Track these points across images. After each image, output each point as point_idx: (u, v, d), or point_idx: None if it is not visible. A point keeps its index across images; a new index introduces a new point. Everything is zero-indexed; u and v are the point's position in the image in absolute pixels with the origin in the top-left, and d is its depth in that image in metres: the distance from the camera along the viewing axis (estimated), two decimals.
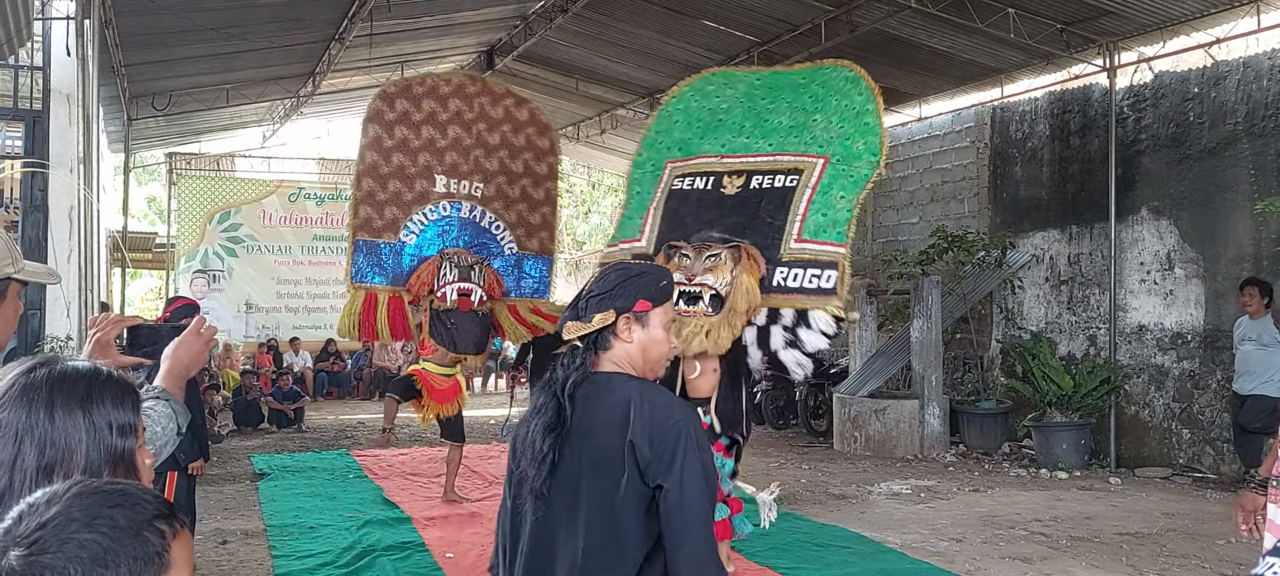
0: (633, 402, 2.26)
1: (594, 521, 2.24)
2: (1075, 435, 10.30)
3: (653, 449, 2.20)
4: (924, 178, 13.71)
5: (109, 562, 1.12)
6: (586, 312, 2.39)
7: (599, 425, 2.27)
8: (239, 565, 6.59)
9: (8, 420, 1.42)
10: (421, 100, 8.44)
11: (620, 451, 2.22)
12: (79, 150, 8.29)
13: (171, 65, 13.05)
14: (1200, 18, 9.66)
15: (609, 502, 2.23)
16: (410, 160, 8.33)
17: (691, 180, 5.82)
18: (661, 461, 2.19)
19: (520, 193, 8.62)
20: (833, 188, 5.48)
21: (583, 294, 2.44)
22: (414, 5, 12.33)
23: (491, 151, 8.54)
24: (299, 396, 14.18)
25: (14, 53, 8.90)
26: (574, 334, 2.38)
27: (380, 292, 8.16)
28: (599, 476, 2.24)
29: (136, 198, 25.43)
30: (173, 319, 6.08)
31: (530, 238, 8.61)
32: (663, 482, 2.18)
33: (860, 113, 5.77)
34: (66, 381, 1.47)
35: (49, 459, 1.42)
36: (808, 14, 11.42)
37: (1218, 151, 9.78)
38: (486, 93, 8.69)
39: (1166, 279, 10.28)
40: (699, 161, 5.91)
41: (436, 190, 8.34)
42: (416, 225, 8.24)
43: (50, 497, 1.16)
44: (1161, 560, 6.63)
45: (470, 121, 8.51)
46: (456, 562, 6.60)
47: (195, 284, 18.24)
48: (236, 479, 9.80)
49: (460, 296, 7.90)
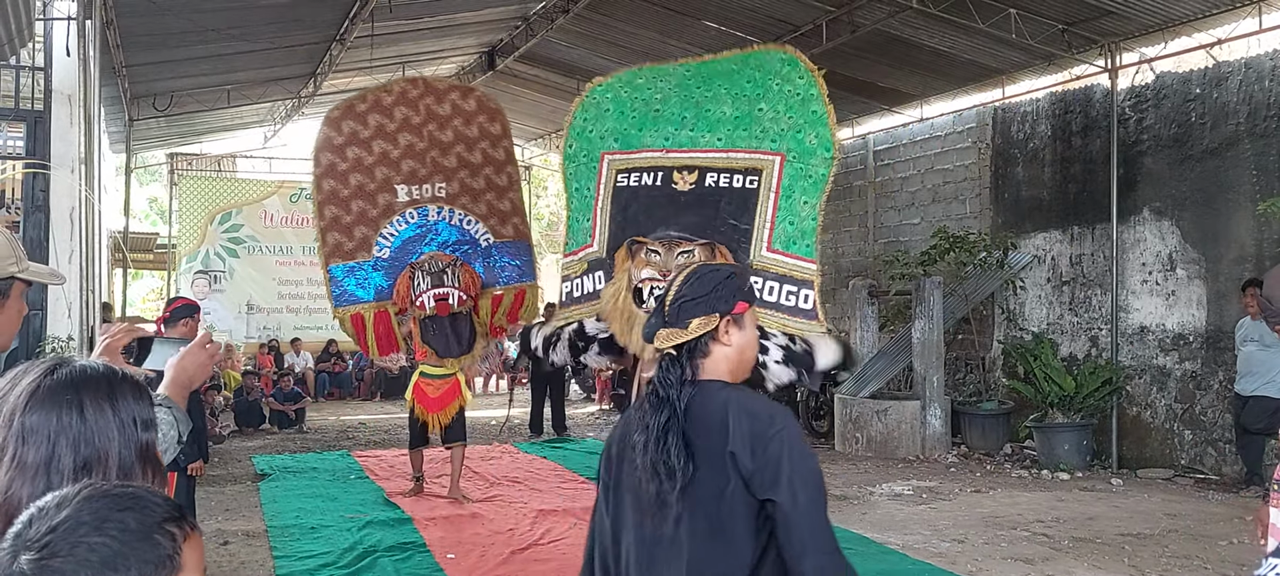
0: (730, 410, 2.22)
1: (700, 533, 2.20)
2: (1077, 436, 10.30)
3: (755, 460, 2.15)
4: (925, 178, 13.70)
5: (119, 566, 1.12)
6: (681, 319, 2.31)
7: (699, 435, 2.22)
8: (241, 566, 6.59)
9: (37, 423, 1.43)
10: (367, 117, 8.42)
11: (722, 460, 2.18)
12: (80, 151, 8.29)
13: (173, 66, 13.05)
14: (1202, 18, 9.65)
15: (714, 513, 2.19)
16: (368, 177, 8.33)
17: (638, 175, 5.44)
18: (767, 473, 2.14)
19: (485, 182, 8.58)
20: (795, 191, 5.31)
21: (670, 298, 2.35)
22: (415, 6, 12.34)
23: (447, 149, 8.50)
24: (300, 397, 14.18)
25: (15, 53, 8.90)
26: (669, 342, 2.31)
27: (365, 310, 8.28)
28: (702, 487, 2.20)
29: (138, 198, 25.41)
30: (172, 318, 6.09)
31: (504, 225, 8.61)
32: (772, 497, 2.13)
33: (805, 99, 5.54)
34: (91, 380, 1.49)
35: (85, 457, 1.43)
36: (809, 14, 11.42)
37: (1219, 152, 9.77)
38: (430, 92, 8.66)
39: (1168, 280, 10.27)
40: (643, 155, 5.51)
41: (400, 200, 8.36)
42: (387, 238, 8.31)
43: (60, 501, 1.16)
44: (1163, 561, 6.63)
45: (419, 125, 8.48)
46: (458, 563, 6.60)
47: (196, 284, 18.24)
48: (238, 479, 9.80)
49: (438, 302, 8.04)
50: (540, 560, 6.73)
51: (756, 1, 11.35)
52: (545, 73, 15.69)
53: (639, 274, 4.90)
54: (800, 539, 2.12)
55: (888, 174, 14.44)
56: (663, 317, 2.33)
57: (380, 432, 13.41)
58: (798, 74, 5.58)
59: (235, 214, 18.92)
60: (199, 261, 18.57)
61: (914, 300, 11.57)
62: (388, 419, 15.01)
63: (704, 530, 2.20)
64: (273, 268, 19.13)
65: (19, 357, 2.19)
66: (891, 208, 14.33)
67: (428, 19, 13.22)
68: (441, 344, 8.17)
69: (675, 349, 2.30)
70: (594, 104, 5.78)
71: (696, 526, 2.20)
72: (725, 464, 2.17)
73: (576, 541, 7.22)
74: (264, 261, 19.11)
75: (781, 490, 2.12)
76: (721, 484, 2.18)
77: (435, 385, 8.37)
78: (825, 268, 15.33)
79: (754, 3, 11.38)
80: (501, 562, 6.62)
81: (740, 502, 2.17)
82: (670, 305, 2.32)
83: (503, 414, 13.86)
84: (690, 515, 2.21)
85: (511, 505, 8.42)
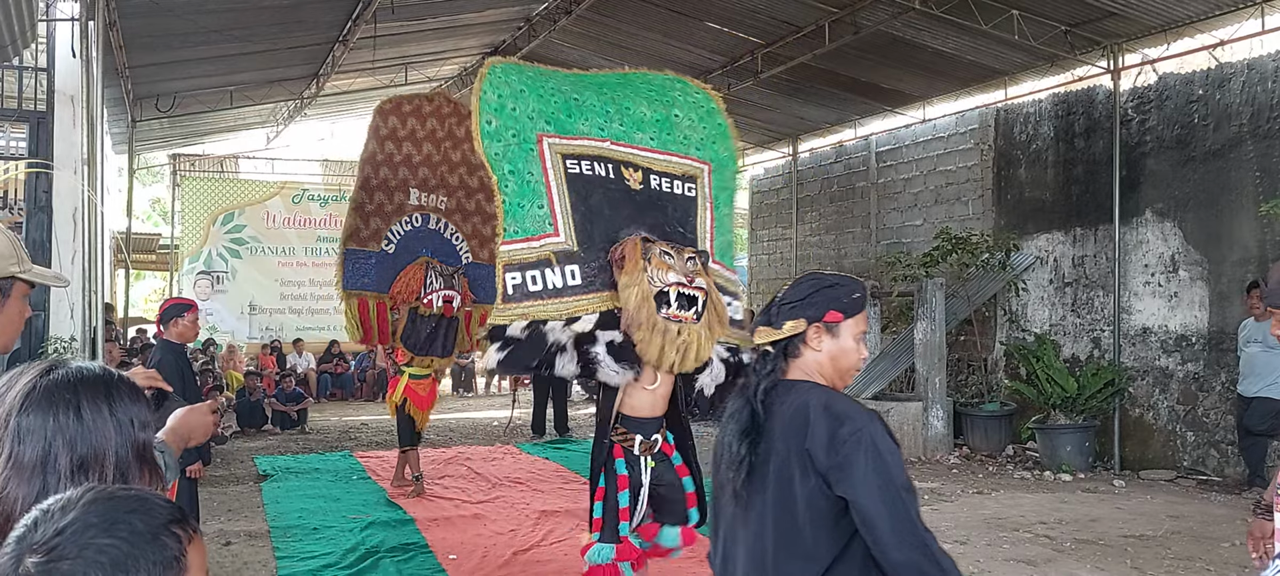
0: (811, 409, 2.30)
1: (780, 525, 2.29)
2: (1079, 437, 10.29)
3: (830, 458, 2.22)
4: (928, 179, 13.70)
5: (129, 567, 1.12)
6: (778, 319, 2.43)
7: (781, 431, 2.32)
8: (243, 566, 6.60)
9: (33, 424, 1.43)
10: (407, 118, 9.20)
11: (801, 457, 2.26)
12: (83, 151, 8.29)
13: (175, 67, 13.06)
14: (1204, 20, 9.65)
15: (791, 508, 2.27)
16: (392, 173, 9.09)
17: (589, 164, 4.98)
18: (843, 471, 2.20)
19: (475, 206, 9.33)
20: (721, 202, 5.23)
21: (776, 301, 2.48)
22: (417, 7, 12.34)
23: (454, 167, 9.27)
24: (302, 398, 14.17)
25: (19, 54, 8.90)
26: (764, 340, 2.44)
27: (369, 298, 8.86)
28: (782, 482, 2.30)
29: (140, 199, 25.48)
30: (164, 318, 6.09)
31: (482, 248, 9.19)
32: (849, 495, 2.19)
33: (710, 111, 5.42)
34: (88, 381, 1.49)
35: (82, 456, 1.43)
36: (811, 15, 11.42)
37: (1222, 153, 9.76)
38: (455, 112, 9.36)
39: (1171, 281, 10.26)
40: (584, 143, 5.04)
41: (410, 202, 9.09)
42: (395, 235, 9.00)
43: (65, 504, 1.16)
44: (1166, 563, 6.62)
45: (439, 139, 9.24)
46: (460, 564, 6.61)
47: (199, 285, 18.26)
48: (240, 480, 9.80)
49: (445, 303, 8.57)
50: (542, 561, 6.73)
51: (759, 3, 11.36)
52: None
53: (664, 277, 4.53)
54: (882, 535, 2.18)
55: (890, 175, 14.43)
56: (768, 317, 2.45)
57: (382, 433, 13.40)
58: (693, 89, 5.49)
59: (237, 215, 18.93)
60: (201, 262, 18.58)
61: (916, 301, 11.56)
62: (390, 420, 14.97)
63: (777, 522, 2.29)
64: (275, 268, 19.14)
65: (21, 359, 2.19)
66: (894, 209, 14.32)
67: (430, 20, 13.22)
68: (426, 343, 8.60)
69: (770, 346, 2.42)
70: (504, 81, 5.03)
71: (778, 519, 2.29)
72: (803, 460, 2.26)
73: (578, 542, 7.22)
74: (266, 262, 19.12)
75: (856, 487, 2.19)
76: (796, 479, 2.27)
77: (423, 385, 8.80)
78: (829, 267, 15.36)
79: (756, 4, 11.38)
80: (503, 564, 6.62)
81: (819, 498, 2.24)
82: (774, 306, 2.45)
83: (506, 415, 13.84)
84: (763, 506, 2.31)
85: (513, 506, 8.42)
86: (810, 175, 16.31)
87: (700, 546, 7.07)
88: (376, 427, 14.00)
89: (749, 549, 2.34)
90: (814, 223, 16.18)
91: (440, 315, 8.56)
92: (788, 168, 16.93)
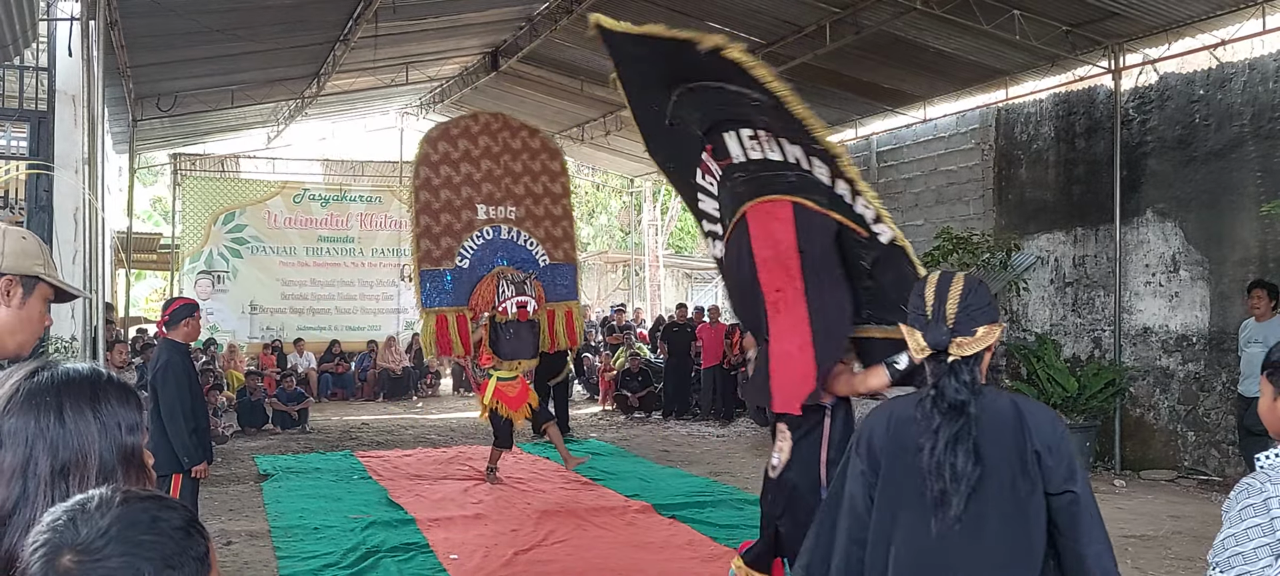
0: (1022, 411, 2.37)
1: (1001, 530, 2.31)
2: (1080, 437, 10.27)
3: (1053, 456, 2.31)
4: (929, 179, 13.70)
5: (176, 563, 1.14)
6: (966, 326, 2.39)
7: (992, 436, 2.33)
8: (244, 566, 6.60)
9: (16, 427, 1.42)
10: (458, 141, 9.88)
11: (1022, 460, 2.31)
12: (84, 151, 8.28)
13: (176, 66, 13.06)
14: (1205, 20, 9.64)
15: (1017, 510, 2.31)
16: (455, 194, 9.74)
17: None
18: (1063, 468, 2.31)
19: (543, 211, 10.04)
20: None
21: (947, 308, 2.41)
22: (419, 7, 12.33)
23: (517, 178, 9.98)
24: (303, 397, 14.18)
25: (19, 54, 8.91)
26: (969, 349, 2.39)
27: (448, 314, 9.50)
28: (1002, 486, 2.31)
29: (141, 199, 25.49)
30: (172, 320, 6.10)
31: (556, 248, 10.03)
32: (1071, 488, 2.29)
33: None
34: (72, 383, 1.47)
35: (63, 460, 1.41)
36: (813, 16, 11.42)
37: (1223, 153, 9.76)
38: (506, 127, 10.13)
39: (1172, 281, 10.26)
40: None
41: (479, 217, 9.78)
42: (468, 250, 9.66)
43: (99, 504, 1.16)
44: (1167, 563, 6.62)
45: (498, 154, 9.95)
46: (461, 564, 6.61)
47: (200, 285, 18.24)
48: (241, 480, 9.81)
49: (519, 309, 9.21)
50: (543, 561, 6.74)
51: (761, 3, 11.35)
52: (549, 74, 15.68)
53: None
54: (1088, 527, 2.30)
55: (891, 175, 14.43)
56: (937, 327, 2.41)
57: (383, 433, 13.41)
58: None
59: (238, 214, 18.92)
60: (202, 262, 18.57)
61: None
62: (391, 419, 15.02)
63: (1006, 527, 2.31)
64: (276, 268, 19.14)
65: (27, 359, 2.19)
66: (895, 209, 14.30)
67: (431, 20, 13.22)
68: (512, 347, 9.16)
69: (965, 357, 2.39)
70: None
71: (998, 525, 2.31)
72: (1026, 461, 2.31)
73: (579, 542, 7.22)
74: (267, 262, 19.11)
75: (1078, 481, 2.31)
76: (1019, 480, 2.31)
77: (511, 386, 9.29)
78: None
79: (759, 4, 11.37)
80: (504, 564, 6.63)
81: (1039, 500, 2.31)
82: (945, 314, 2.40)
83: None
84: (982, 512, 2.31)
85: (514, 506, 8.42)
86: None
87: (700, 546, 7.08)
88: (377, 427, 14.01)
89: (969, 560, 2.31)
90: None
91: (516, 320, 9.19)
92: None
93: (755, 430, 13.51)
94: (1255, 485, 2.14)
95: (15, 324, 2.17)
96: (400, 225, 19.67)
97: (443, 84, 17.91)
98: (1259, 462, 2.25)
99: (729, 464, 10.82)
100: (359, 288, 19.61)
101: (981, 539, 2.30)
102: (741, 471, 10.19)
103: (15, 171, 9.69)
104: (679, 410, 15.03)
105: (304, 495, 8.90)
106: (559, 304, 9.92)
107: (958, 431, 2.30)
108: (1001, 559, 2.29)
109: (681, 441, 12.70)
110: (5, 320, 2.15)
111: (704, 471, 10.22)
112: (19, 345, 2.18)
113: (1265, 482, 2.13)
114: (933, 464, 2.31)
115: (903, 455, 2.39)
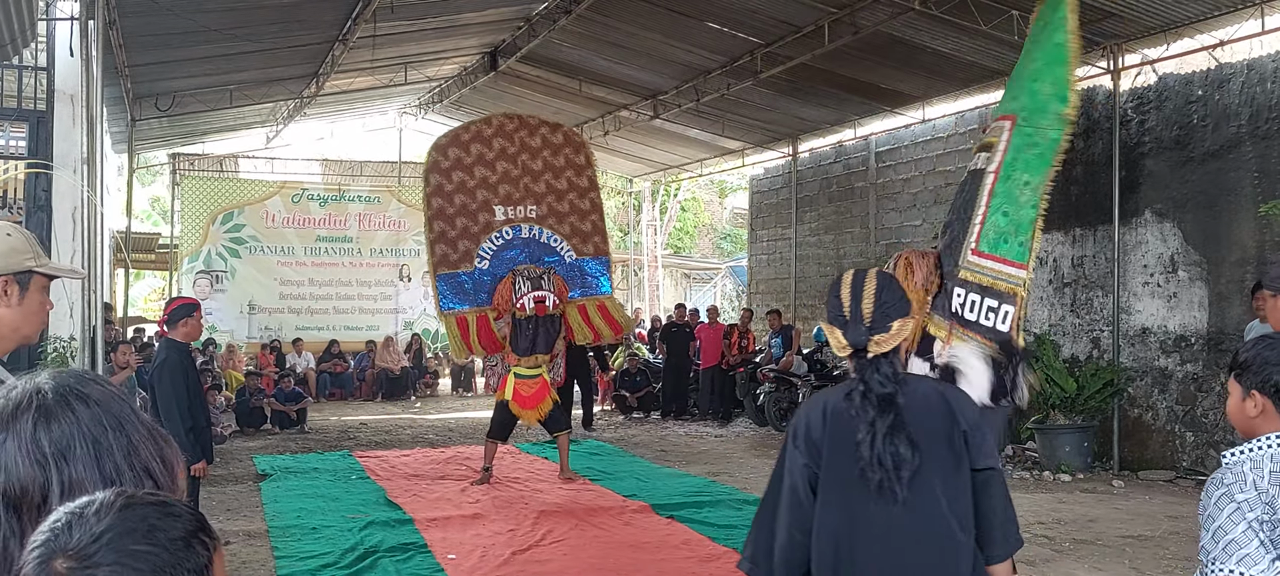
0: (947, 396, 2.60)
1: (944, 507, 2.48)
2: (1078, 438, 10.29)
3: (978, 435, 2.52)
4: (927, 180, 13.70)
5: (167, 574, 1.12)
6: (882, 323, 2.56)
7: (923, 421, 2.49)
8: (241, 566, 6.60)
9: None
10: (469, 145, 9.85)
11: (950, 440, 2.49)
12: (83, 151, 8.29)
13: (175, 66, 13.06)
14: (1204, 20, 9.65)
15: (955, 486, 2.50)
16: (470, 198, 9.75)
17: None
18: (987, 445, 2.53)
19: (569, 206, 10.00)
20: (1016, 167, 3.97)
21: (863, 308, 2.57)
22: (417, 7, 12.33)
23: (537, 176, 9.94)
24: (301, 397, 14.17)
25: (18, 53, 8.91)
26: (886, 346, 2.56)
27: (468, 315, 9.57)
28: (939, 464, 2.49)
29: (140, 198, 25.47)
30: (171, 320, 6.10)
31: (585, 243, 10.02)
32: (990, 465, 2.54)
33: (1051, 28, 4.26)
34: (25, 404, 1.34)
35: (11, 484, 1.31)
36: (811, 16, 11.42)
37: (1221, 154, 9.77)
38: (524, 126, 10.07)
39: (1170, 281, 10.27)
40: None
41: (497, 219, 9.79)
42: (487, 251, 9.69)
43: (98, 509, 1.14)
44: (1165, 563, 6.62)
45: (514, 154, 9.92)
46: (458, 564, 6.61)
47: (198, 284, 18.24)
48: (239, 480, 9.80)
49: (536, 304, 9.19)
50: (541, 561, 6.73)
51: (758, 3, 11.35)
52: (547, 74, 15.69)
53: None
54: (1002, 502, 2.55)
55: (889, 175, 14.44)
56: (866, 326, 2.55)
57: (381, 433, 13.41)
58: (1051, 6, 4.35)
59: (237, 214, 18.91)
60: (201, 261, 18.57)
61: None
62: (389, 419, 15.02)
63: (942, 502, 2.47)
64: (274, 268, 19.14)
65: (21, 359, 2.21)
66: (893, 209, 14.32)
67: (430, 19, 13.22)
68: (529, 342, 9.15)
69: (885, 353, 2.55)
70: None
71: (934, 501, 2.47)
72: (954, 440, 2.49)
73: (577, 542, 7.22)
74: (266, 262, 19.12)
75: (996, 459, 2.55)
76: (953, 460, 2.49)
77: (528, 385, 9.21)
78: (827, 271, 15.39)
79: (756, 4, 11.38)
80: (502, 563, 6.62)
81: (966, 471, 2.51)
82: (872, 313, 2.54)
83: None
84: (923, 492, 2.46)
85: (512, 506, 8.42)
86: (810, 175, 16.32)
87: (698, 546, 7.08)
88: (375, 427, 14.01)
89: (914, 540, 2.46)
90: (813, 223, 16.19)
91: (534, 315, 9.16)
92: (787, 168, 16.93)
93: (754, 430, 13.52)
94: (1218, 477, 2.31)
95: (18, 320, 2.23)
96: (399, 225, 19.70)
97: (441, 84, 17.91)
98: (1224, 459, 2.32)
99: (727, 464, 10.82)
100: (357, 287, 19.61)
101: (927, 517, 2.46)
102: (740, 471, 10.19)
103: (14, 171, 9.69)
104: (677, 410, 15.03)
105: (302, 495, 8.90)
106: (590, 298, 9.89)
107: (892, 422, 2.44)
108: (948, 530, 2.46)
109: (680, 441, 12.70)
110: (7, 318, 2.21)
111: (702, 471, 10.22)
112: (24, 338, 2.26)
113: (1226, 474, 2.28)
114: (873, 456, 2.44)
115: (843, 445, 2.50)
